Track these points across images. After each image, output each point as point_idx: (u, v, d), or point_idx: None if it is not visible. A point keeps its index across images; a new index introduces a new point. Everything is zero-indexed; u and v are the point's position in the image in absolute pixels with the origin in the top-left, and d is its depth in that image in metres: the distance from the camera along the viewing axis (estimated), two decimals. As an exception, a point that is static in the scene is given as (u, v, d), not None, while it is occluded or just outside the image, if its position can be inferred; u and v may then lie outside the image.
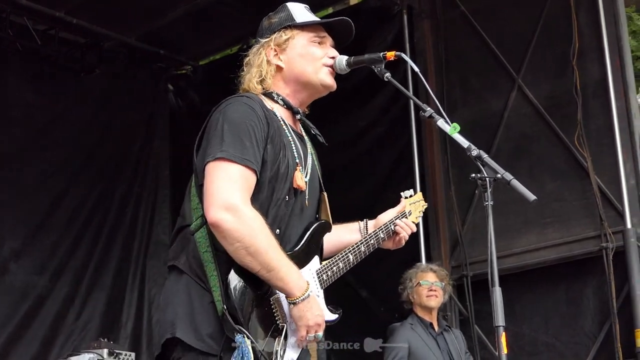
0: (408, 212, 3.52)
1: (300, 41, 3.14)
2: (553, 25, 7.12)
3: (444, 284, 6.11)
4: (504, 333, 2.76)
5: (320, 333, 2.92)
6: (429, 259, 7.35)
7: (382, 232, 3.37)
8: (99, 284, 8.20)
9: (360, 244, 3.26)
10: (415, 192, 3.65)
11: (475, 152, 2.93)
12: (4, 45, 7.84)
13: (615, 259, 6.43)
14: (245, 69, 3.18)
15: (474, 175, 2.91)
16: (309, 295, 2.83)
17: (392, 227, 3.40)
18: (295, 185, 2.97)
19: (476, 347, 6.80)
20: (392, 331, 5.97)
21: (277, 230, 2.90)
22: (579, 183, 6.80)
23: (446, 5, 7.79)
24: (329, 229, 3.17)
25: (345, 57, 3.26)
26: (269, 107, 3.04)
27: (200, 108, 9.15)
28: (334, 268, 3.09)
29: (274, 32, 3.16)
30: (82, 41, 8.44)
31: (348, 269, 3.18)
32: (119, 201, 8.60)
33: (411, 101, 7.51)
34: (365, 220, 3.45)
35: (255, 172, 2.84)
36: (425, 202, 3.66)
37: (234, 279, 2.78)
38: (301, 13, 3.20)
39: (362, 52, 3.21)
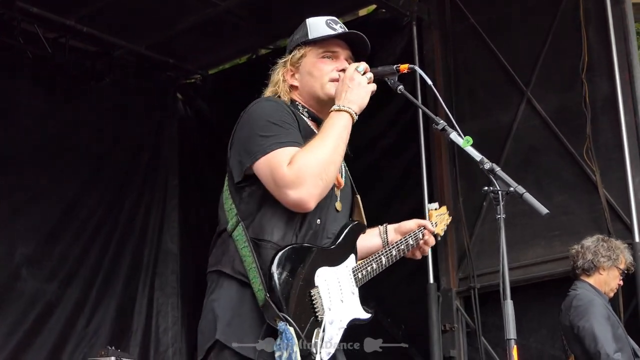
0: (434, 223, 3.58)
1: (311, 59, 3.22)
2: (562, 39, 7.13)
3: None
4: (515, 346, 2.78)
5: (361, 66, 3.14)
6: (436, 271, 7.34)
7: (412, 239, 3.43)
8: (109, 292, 8.24)
9: (392, 247, 3.33)
10: (439, 205, 3.70)
11: (487, 165, 2.94)
12: (14, 53, 7.87)
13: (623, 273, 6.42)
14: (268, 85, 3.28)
15: (486, 188, 2.93)
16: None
17: (421, 235, 3.46)
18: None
19: (483, 359, 6.78)
20: (590, 302, 5.51)
21: (318, 221, 2.99)
22: (587, 196, 6.80)
23: (456, 17, 7.79)
24: (363, 230, 3.24)
25: (358, 69, 3.28)
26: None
27: (209, 117, 9.15)
28: (368, 268, 3.17)
29: (291, 52, 3.25)
30: (92, 50, 8.48)
31: (381, 270, 3.25)
32: (128, 210, 8.64)
33: (420, 112, 7.54)
34: (385, 224, 3.50)
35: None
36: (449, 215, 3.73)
37: (277, 270, 2.81)
38: (317, 28, 3.25)
39: (370, 63, 3.23)
